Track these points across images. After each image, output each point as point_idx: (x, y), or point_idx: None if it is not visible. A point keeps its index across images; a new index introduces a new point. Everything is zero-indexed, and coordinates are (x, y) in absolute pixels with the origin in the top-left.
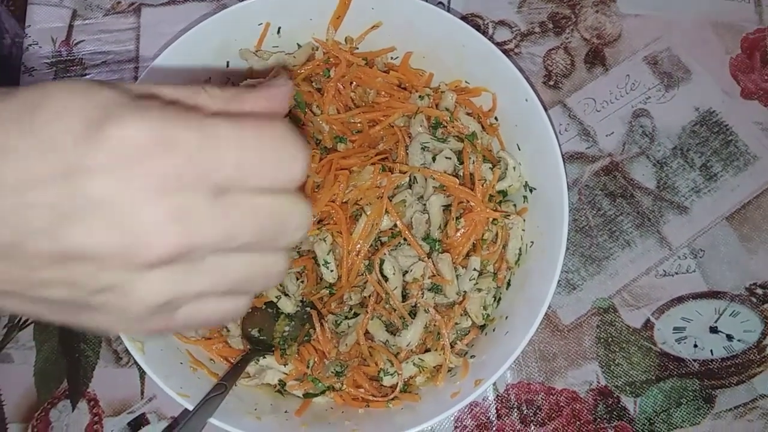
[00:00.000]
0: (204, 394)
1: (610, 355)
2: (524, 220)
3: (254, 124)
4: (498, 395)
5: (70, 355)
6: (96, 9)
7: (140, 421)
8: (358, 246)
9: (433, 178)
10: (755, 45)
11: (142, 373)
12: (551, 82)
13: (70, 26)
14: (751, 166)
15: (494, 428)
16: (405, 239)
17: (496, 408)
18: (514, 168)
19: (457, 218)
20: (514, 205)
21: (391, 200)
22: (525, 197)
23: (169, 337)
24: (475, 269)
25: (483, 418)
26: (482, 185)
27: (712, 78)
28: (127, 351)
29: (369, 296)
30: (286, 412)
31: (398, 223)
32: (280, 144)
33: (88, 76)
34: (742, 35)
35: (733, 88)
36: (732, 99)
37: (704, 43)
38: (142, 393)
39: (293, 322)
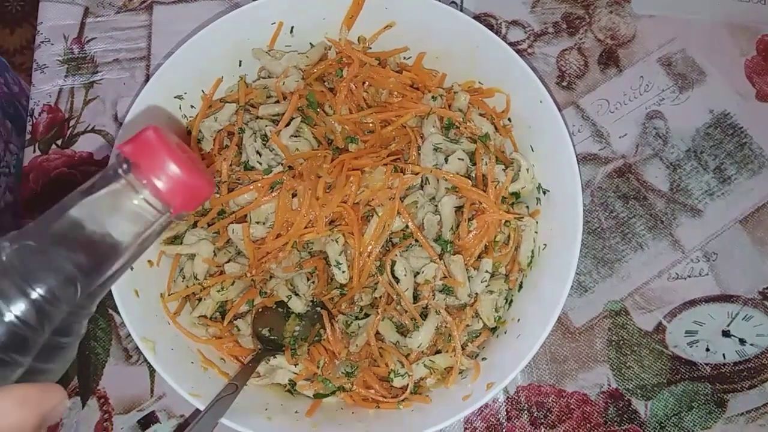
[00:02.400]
0: (214, 394)
1: (621, 358)
2: (537, 222)
3: None
4: (508, 397)
5: (80, 353)
6: (108, 6)
7: (150, 419)
8: (370, 247)
9: (446, 179)
10: None
11: (152, 371)
12: (564, 83)
13: (82, 24)
14: (766, 169)
15: (504, 430)
16: (416, 240)
17: (506, 410)
18: (528, 170)
19: (469, 220)
20: (527, 207)
21: (402, 201)
22: (538, 199)
23: (179, 336)
24: (487, 271)
25: (493, 420)
26: (495, 187)
27: (726, 80)
28: (137, 349)
29: (380, 297)
30: (296, 412)
31: (410, 224)
32: None
33: (99, 74)
34: (757, 37)
35: (748, 90)
36: (747, 101)
37: (719, 44)
38: (152, 391)
39: (304, 322)
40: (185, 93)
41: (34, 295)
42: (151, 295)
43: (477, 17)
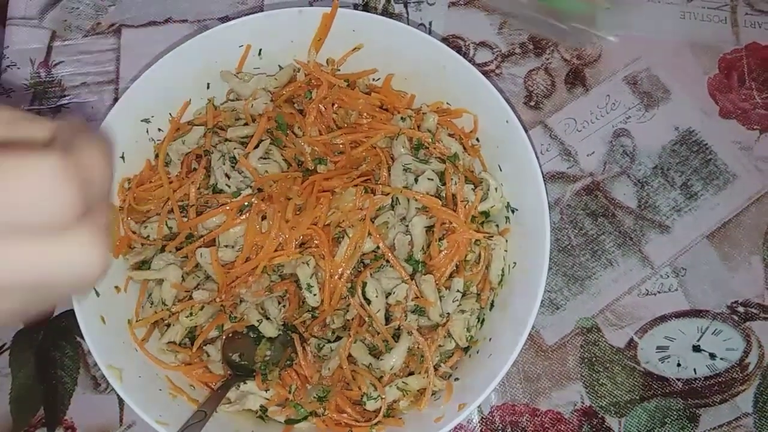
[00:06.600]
0: (183, 421)
1: (594, 375)
2: (506, 241)
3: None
4: (482, 417)
5: (47, 382)
6: (76, 30)
7: None
8: (341, 269)
9: (416, 200)
10: (732, 65)
11: (121, 400)
12: (532, 103)
13: (50, 47)
14: (731, 185)
15: None
16: (388, 261)
17: (481, 430)
18: (496, 189)
19: (439, 239)
20: (497, 226)
21: (373, 222)
22: (507, 218)
23: (147, 363)
24: (458, 290)
25: None
26: (464, 206)
27: (690, 98)
28: (105, 377)
29: (352, 319)
30: None
31: (381, 245)
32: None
33: (67, 98)
34: (719, 55)
35: (711, 107)
36: (710, 118)
37: (683, 63)
38: (121, 420)
39: (275, 347)
40: (152, 116)
41: None
42: (118, 322)
43: (445, 39)
